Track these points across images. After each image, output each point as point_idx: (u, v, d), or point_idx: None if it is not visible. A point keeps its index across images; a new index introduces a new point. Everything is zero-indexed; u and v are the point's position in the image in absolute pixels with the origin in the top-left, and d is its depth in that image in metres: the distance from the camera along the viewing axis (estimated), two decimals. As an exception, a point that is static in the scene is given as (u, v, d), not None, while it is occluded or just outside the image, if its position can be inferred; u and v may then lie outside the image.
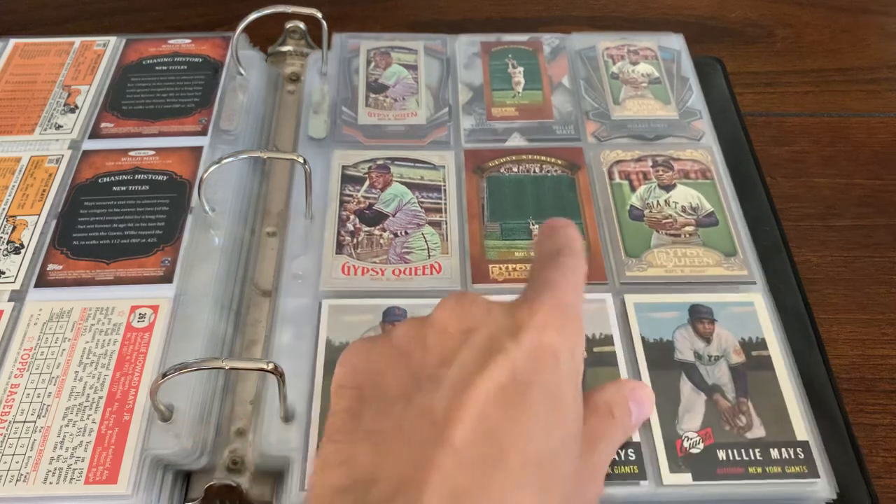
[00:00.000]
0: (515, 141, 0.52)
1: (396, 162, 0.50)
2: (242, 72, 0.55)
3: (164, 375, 0.36)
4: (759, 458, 0.37)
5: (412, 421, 0.29)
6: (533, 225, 0.47)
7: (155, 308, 0.42)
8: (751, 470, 0.37)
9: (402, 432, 0.29)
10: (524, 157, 0.50)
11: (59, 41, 0.58)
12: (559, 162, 0.50)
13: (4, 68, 0.56)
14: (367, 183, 0.49)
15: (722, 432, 0.38)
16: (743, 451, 0.38)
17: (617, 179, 0.49)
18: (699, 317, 0.43)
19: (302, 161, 0.45)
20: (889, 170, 0.56)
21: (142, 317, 0.42)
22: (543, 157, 0.50)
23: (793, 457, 0.38)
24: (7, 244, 0.45)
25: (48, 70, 0.56)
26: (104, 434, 0.37)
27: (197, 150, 0.50)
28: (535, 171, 0.50)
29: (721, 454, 0.38)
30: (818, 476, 0.37)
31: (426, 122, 0.53)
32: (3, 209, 0.47)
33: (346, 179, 0.49)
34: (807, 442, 0.38)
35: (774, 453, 0.38)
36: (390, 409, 0.30)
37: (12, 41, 0.58)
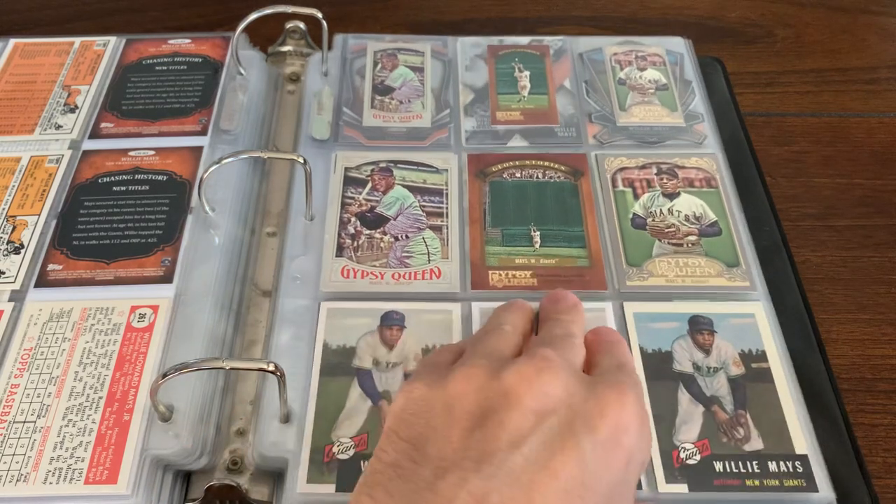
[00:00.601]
0: (516, 142, 0.52)
1: (399, 165, 0.50)
2: (242, 72, 0.55)
3: (164, 375, 0.36)
4: (756, 470, 0.37)
5: None
6: (534, 232, 0.47)
7: (155, 308, 0.42)
8: (748, 482, 0.37)
9: None
10: (527, 162, 0.50)
11: (59, 41, 0.58)
12: (562, 168, 0.50)
13: (4, 68, 0.56)
14: (369, 185, 0.49)
15: (719, 444, 0.38)
16: (740, 463, 0.38)
17: (620, 187, 0.49)
18: (699, 328, 0.42)
19: (302, 161, 0.45)
20: (889, 170, 0.56)
21: (142, 317, 0.42)
22: (547, 163, 0.50)
23: (791, 470, 0.37)
24: (7, 244, 0.45)
25: (48, 70, 0.56)
26: (104, 434, 0.37)
27: (197, 150, 0.50)
28: (538, 177, 0.49)
29: (718, 466, 0.38)
30: (816, 490, 0.37)
31: (431, 124, 0.53)
32: (3, 209, 0.47)
33: (349, 181, 0.49)
34: (806, 456, 0.38)
35: (772, 466, 0.38)
36: (439, 481, 0.27)
37: (12, 41, 0.58)
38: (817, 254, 0.51)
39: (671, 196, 0.48)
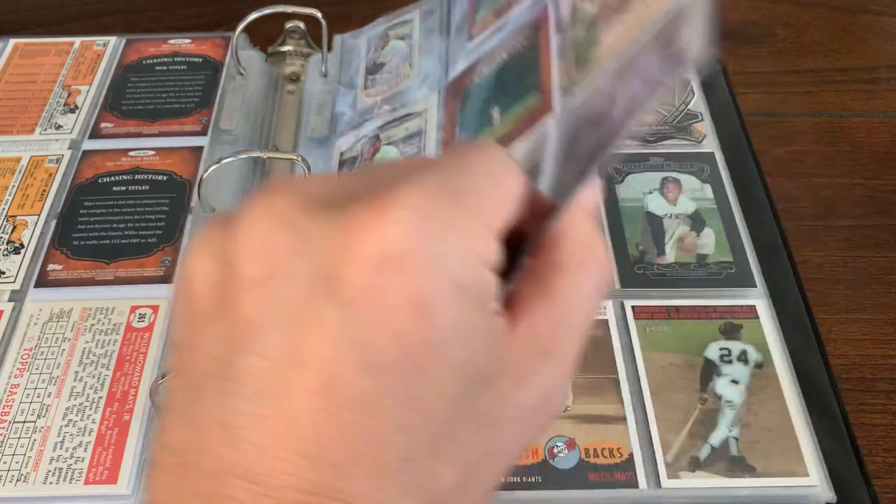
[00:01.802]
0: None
1: (385, 127, 0.48)
2: (242, 72, 0.55)
3: (165, 375, 0.36)
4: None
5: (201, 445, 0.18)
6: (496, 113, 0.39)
7: (155, 308, 0.42)
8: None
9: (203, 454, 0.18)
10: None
11: (59, 41, 0.58)
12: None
13: (4, 68, 0.56)
14: (358, 160, 0.48)
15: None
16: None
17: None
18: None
19: (302, 161, 0.45)
20: (889, 170, 0.56)
21: (142, 317, 0.42)
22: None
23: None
24: (7, 244, 0.45)
25: (48, 70, 0.56)
26: (104, 434, 0.37)
27: (197, 150, 0.50)
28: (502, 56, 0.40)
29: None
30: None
31: (419, 83, 0.49)
32: (3, 209, 0.47)
33: (342, 165, 0.48)
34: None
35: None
36: (193, 403, 0.19)
37: (12, 41, 0.58)
38: (817, 254, 0.51)
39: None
